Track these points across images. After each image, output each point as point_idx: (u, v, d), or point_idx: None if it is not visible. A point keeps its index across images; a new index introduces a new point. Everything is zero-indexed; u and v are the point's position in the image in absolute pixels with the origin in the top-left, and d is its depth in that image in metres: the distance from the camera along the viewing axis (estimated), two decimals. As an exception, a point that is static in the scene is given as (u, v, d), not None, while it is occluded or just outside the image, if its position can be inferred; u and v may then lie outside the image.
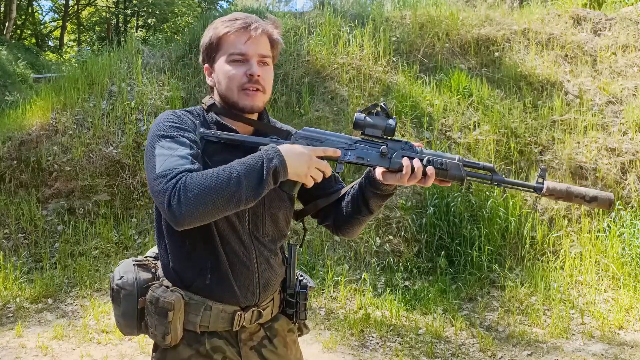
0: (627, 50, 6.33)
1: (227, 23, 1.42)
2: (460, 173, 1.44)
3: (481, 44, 6.45)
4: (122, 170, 5.32)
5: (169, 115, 1.40)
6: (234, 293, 1.43)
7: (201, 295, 1.40)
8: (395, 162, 1.44)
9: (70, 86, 6.11)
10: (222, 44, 1.42)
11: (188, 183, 1.23)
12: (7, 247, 4.93)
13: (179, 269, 1.42)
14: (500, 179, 1.45)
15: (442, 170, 1.44)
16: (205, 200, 1.23)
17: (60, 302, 4.26)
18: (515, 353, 3.57)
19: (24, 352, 3.49)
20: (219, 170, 1.26)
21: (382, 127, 1.43)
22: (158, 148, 1.31)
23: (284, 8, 11.21)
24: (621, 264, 4.43)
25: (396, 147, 1.45)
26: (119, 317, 1.45)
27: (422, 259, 4.66)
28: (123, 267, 1.47)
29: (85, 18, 23.58)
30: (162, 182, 1.25)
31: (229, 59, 1.41)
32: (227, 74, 1.41)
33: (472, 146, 5.35)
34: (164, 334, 1.37)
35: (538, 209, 4.96)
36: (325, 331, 3.81)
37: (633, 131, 5.48)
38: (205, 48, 1.46)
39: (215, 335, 1.43)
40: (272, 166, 1.28)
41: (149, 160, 1.32)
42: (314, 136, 1.43)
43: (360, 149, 1.45)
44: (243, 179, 1.25)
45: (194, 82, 6.22)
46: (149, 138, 1.37)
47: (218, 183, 1.24)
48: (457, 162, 1.44)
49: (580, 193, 1.44)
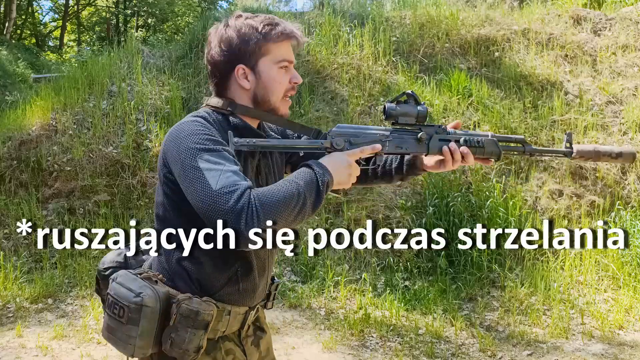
0: (627, 50, 6.33)
1: (273, 27, 1.39)
2: (497, 148, 1.52)
3: (481, 44, 6.45)
4: (122, 170, 5.32)
5: (199, 126, 1.32)
6: (253, 295, 1.46)
7: (224, 301, 1.39)
8: (433, 147, 1.49)
9: (70, 86, 6.11)
10: (270, 49, 1.39)
11: (261, 200, 1.18)
12: (7, 247, 4.93)
13: (203, 278, 1.38)
14: (532, 149, 1.56)
15: (480, 148, 1.51)
16: (279, 217, 1.20)
17: (60, 302, 4.26)
18: (515, 353, 3.57)
19: (24, 352, 3.49)
20: (286, 187, 1.24)
21: (415, 114, 1.48)
22: (203, 162, 1.24)
23: (284, 8, 11.21)
24: (621, 264, 4.43)
25: (430, 131, 1.50)
26: (136, 338, 1.30)
27: (422, 259, 4.66)
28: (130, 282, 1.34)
29: (85, 18, 23.58)
30: (227, 200, 1.18)
31: (278, 65, 1.40)
32: (275, 79, 1.40)
33: (472, 146, 5.34)
34: (198, 348, 1.32)
35: (538, 209, 4.96)
36: (325, 331, 3.81)
37: (633, 131, 5.48)
38: (242, 49, 1.39)
39: (227, 339, 1.45)
40: (325, 181, 1.30)
41: (196, 178, 1.23)
42: (349, 132, 1.45)
43: (396, 138, 1.49)
44: (307, 195, 1.25)
45: (194, 82, 6.22)
46: (183, 151, 1.28)
47: (289, 200, 1.22)
48: (492, 139, 1.51)
49: (607, 151, 1.57)
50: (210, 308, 1.33)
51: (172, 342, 1.31)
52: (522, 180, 5.17)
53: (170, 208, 1.39)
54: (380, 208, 4.90)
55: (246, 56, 1.39)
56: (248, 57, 1.39)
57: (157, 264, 1.44)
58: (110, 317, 1.34)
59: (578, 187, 5.12)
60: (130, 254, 1.51)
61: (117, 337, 1.33)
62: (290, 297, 4.21)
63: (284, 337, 3.72)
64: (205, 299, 1.35)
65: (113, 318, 1.33)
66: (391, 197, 5.02)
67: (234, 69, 1.40)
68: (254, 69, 1.40)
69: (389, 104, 1.47)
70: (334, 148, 1.42)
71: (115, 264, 1.49)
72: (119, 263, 1.50)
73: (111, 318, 1.33)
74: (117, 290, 1.33)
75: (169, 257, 1.40)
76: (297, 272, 4.57)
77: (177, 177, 1.30)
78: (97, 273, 1.51)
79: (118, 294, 1.33)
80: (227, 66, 1.40)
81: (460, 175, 5.09)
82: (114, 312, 1.33)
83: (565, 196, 5.04)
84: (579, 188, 5.11)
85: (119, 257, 1.52)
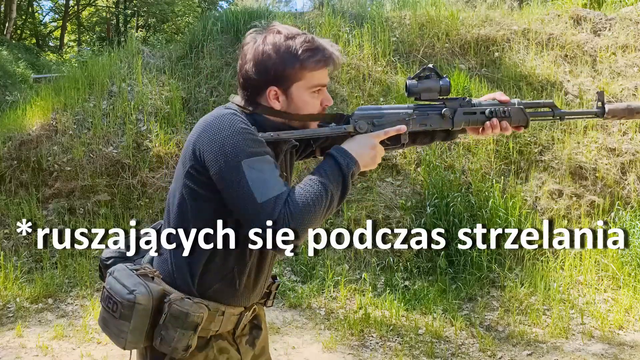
0: (627, 50, 6.33)
1: (312, 54, 1.37)
2: (524, 116, 1.49)
3: (481, 44, 6.45)
4: (122, 170, 5.32)
5: (240, 123, 1.31)
6: (248, 294, 1.46)
7: (216, 300, 1.40)
8: (458, 121, 1.48)
9: (70, 86, 6.12)
10: (305, 76, 1.37)
11: (295, 213, 1.23)
12: (7, 247, 4.93)
13: (202, 276, 1.39)
14: (561, 112, 1.52)
15: (506, 117, 1.49)
16: (310, 225, 1.26)
17: (60, 302, 4.26)
18: (515, 353, 3.57)
19: (24, 352, 3.50)
20: (314, 191, 1.27)
21: (437, 89, 1.47)
22: (249, 169, 1.25)
23: (284, 8, 11.23)
24: (621, 264, 4.43)
25: (454, 105, 1.48)
26: (127, 333, 1.33)
27: (421, 258, 4.67)
28: (125, 277, 1.36)
29: (86, 18, 23.59)
30: (268, 214, 1.22)
31: (311, 90, 1.39)
32: (308, 103, 1.40)
33: (471, 146, 5.35)
34: (186, 347, 1.34)
35: (538, 209, 4.96)
36: (325, 331, 3.81)
37: (633, 131, 5.49)
38: (278, 72, 1.36)
39: (220, 337, 1.45)
40: (350, 171, 1.32)
41: (240, 183, 1.25)
42: (372, 114, 1.45)
43: (420, 115, 1.48)
44: (334, 192, 1.29)
45: (194, 83, 6.22)
46: (229, 151, 1.27)
47: (318, 206, 1.26)
48: (519, 107, 1.49)
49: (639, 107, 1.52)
50: (201, 310, 1.35)
51: (161, 339, 1.34)
52: (522, 180, 5.17)
53: (190, 202, 1.37)
54: (380, 208, 4.90)
55: (281, 80, 1.37)
56: (282, 81, 1.37)
57: (158, 258, 1.44)
58: (104, 309, 1.37)
59: (578, 187, 5.12)
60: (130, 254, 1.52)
61: (110, 330, 1.36)
62: (290, 297, 4.21)
63: (284, 337, 3.73)
64: (197, 300, 1.36)
65: (107, 311, 1.36)
66: (391, 197, 5.02)
67: (267, 89, 1.38)
68: (286, 92, 1.39)
69: (410, 80, 1.47)
70: (357, 132, 1.42)
71: (117, 254, 1.51)
72: (121, 253, 1.52)
73: (105, 311, 1.36)
74: (112, 285, 1.35)
75: (173, 253, 1.41)
76: (297, 272, 4.57)
77: (216, 175, 1.29)
78: (100, 262, 1.53)
79: (113, 288, 1.35)
80: (260, 85, 1.38)
81: (460, 175, 5.09)
82: (108, 306, 1.35)
83: (565, 196, 5.04)
84: (578, 188, 5.11)
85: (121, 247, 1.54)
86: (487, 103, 1.49)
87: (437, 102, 1.49)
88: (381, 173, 5.25)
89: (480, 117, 1.48)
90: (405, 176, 5.24)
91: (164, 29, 20.31)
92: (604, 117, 1.51)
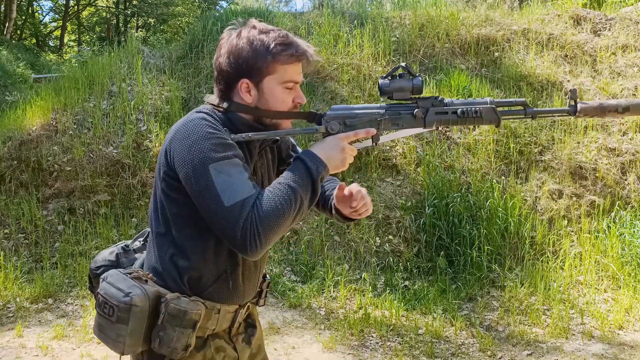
0: (627, 50, 6.33)
1: (284, 48, 1.38)
2: (496, 115, 1.48)
3: (481, 44, 6.45)
4: (122, 170, 5.32)
5: (209, 127, 1.32)
6: (242, 293, 1.47)
7: (212, 300, 1.41)
8: (430, 121, 1.47)
9: (70, 86, 6.12)
10: (277, 69, 1.39)
11: (262, 217, 1.24)
12: (8, 247, 4.93)
13: (193, 276, 1.39)
14: (533, 110, 1.51)
15: (478, 117, 1.47)
16: (279, 229, 1.27)
17: (60, 302, 4.26)
18: (515, 353, 3.57)
19: (24, 352, 3.50)
20: (283, 195, 1.27)
21: (410, 88, 1.46)
22: (216, 174, 1.26)
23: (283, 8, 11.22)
24: (621, 264, 4.43)
25: (427, 104, 1.48)
26: (125, 337, 1.32)
27: (421, 259, 4.67)
28: (120, 281, 1.35)
29: (86, 18, 23.59)
30: (235, 218, 1.23)
31: (283, 85, 1.40)
32: (278, 99, 1.41)
33: (472, 146, 5.35)
34: (186, 346, 1.34)
35: (538, 209, 4.96)
36: (325, 331, 3.81)
37: (633, 131, 5.49)
38: (249, 64, 1.38)
39: (217, 336, 1.46)
40: (319, 175, 1.33)
41: (207, 187, 1.26)
42: (344, 114, 1.45)
43: (392, 115, 1.47)
44: (304, 196, 1.30)
45: (194, 83, 6.22)
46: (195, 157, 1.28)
47: (287, 210, 1.27)
48: (491, 106, 1.48)
49: (612, 106, 1.48)
50: (198, 307, 1.35)
51: (160, 340, 1.33)
52: (522, 180, 5.17)
53: (168, 205, 1.39)
54: (380, 208, 4.90)
55: (252, 72, 1.39)
56: (254, 74, 1.39)
57: (148, 263, 1.46)
58: (100, 315, 1.36)
59: (578, 187, 5.12)
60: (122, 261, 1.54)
61: (107, 335, 1.35)
62: (290, 297, 4.21)
63: (284, 337, 3.73)
64: (194, 298, 1.37)
65: (103, 317, 1.35)
66: (391, 197, 5.02)
67: (239, 82, 1.40)
68: (257, 85, 1.40)
69: (382, 79, 1.46)
70: (329, 132, 1.42)
71: (107, 263, 1.52)
72: (111, 262, 1.52)
73: (101, 317, 1.35)
74: (107, 290, 1.35)
75: (159, 256, 1.42)
76: (297, 272, 4.57)
77: (184, 180, 1.31)
78: (90, 272, 1.53)
79: (108, 293, 1.34)
80: (232, 77, 1.40)
81: (460, 175, 5.09)
82: (104, 311, 1.34)
83: (565, 196, 5.04)
84: (578, 188, 5.11)
85: (110, 255, 1.55)
86: (459, 102, 1.48)
87: (410, 101, 1.48)
88: (381, 173, 5.25)
89: (452, 117, 1.47)
90: (405, 176, 5.24)
91: (164, 30, 20.32)
92: (575, 115, 1.49)
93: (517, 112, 1.51)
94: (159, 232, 1.42)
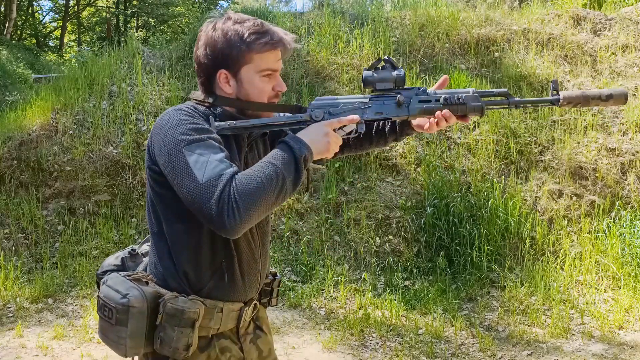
0: (627, 50, 6.33)
1: (259, 37, 1.38)
2: (479, 104, 1.48)
3: (481, 44, 6.45)
4: (122, 170, 5.32)
5: (184, 115, 1.34)
6: (244, 288, 1.45)
7: (212, 297, 1.40)
8: (414, 109, 1.48)
9: (70, 86, 6.12)
10: (253, 58, 1.39)
11: (240, 189, 1.21)
12: (8, 247, 4.93)
13: (191, 272, 1.39)
14: (516, 100, 1.51)
15: (461, 105, 1.48)
16: (259, 203, 1.22)
17: (60, 302, 4.26)
18: (515, 353, 3.57)
19: (24, 352, 3.50)
20: (263, 171, 1.25)
21: (392, 79, 1.47)
22: (189, 154, 1.25)
23: (284, 8, 11.22)
24: (621, 264, 4.43)
25: (410, 94, 1.49)
26: (126, 339, 1.32)
27: (421, 259, 4.67)
28: (119, 284, 1.35)
29: (86, 18, 23.58)
30: (211, 192, 1.21)
31: (261, 74, 1.40)
32: (257, 87, 1.41)
33: (472, 146, 5.35)
34: (187, 346, 1.33)
35: (538, 209, 4.96)
36: (325, 331, 3.81)
37: (633, 131, 5.49)
38: (225, 54, 1.39)
39: (222, 336, 1.45)
40: (302, 155, 1.30)
41: (182, 170, 1.25)
42: (328, 104, 1.46)
43: (376, 104, 1.48)
44: (285, 174, 1.27)
45: (194, 83, 6.22)
46: (170, 143, 1.29)
47: (267, 184, 1.23)
48: (474, 94, 1.48)
49: (595, 95, 1.49)
50: (196, 306, 1.34)
51: (161, 341, 1.33)
52: (522, 180, 5.17)
53: (157, 202, 1.39)
54: (380, 208, 4.90)
55: (229, 62, 1.39)
56: (231, 64, 1.40)
57: (150, 263, 1.46)
58: (101, 318, 1.36)
59: (578, 187, 5.12)
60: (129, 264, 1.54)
61: (110, 338, 1.35)
62: (290, 297, 4.21)
63: (284, 337, 3.73)
64: (192, 297, 1.36)
65: (104, 319, 1.35)
66: (391, 197, 5.02)
67: (217, 73, 1.41)
68: (236, 75, 1.41)
69: (365, 71, 1.47)
70: (313, 121, 1.43)
71: (112, 267, 1.52)
72: (117, 266, 1.52)
73: (102, 319, 1.36)
74: (106, 293, 1.35)
75: (158, 255, 1.42)
76: (297, 272, 4.57)
77: (163, 169, 1.30)
78: (97, 277, 1.53)
79: (107, 296, 1.35)
80: (210, 69, 1.41)
81: (460, 175, 5.09)
82: (104, 314, 1.35)
83: (565, 196, 5.04)
84: (578, 188, 5.11)
85: (116, 260, 1.55)
86: (442, 91, 1.49)
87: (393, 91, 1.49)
88: (381, 173, 5.25)
89: (435, 105, 1.47)
90: (405, 176, 5.24)
91: (164, 30, 20.31)
92: (559, 104, 1.49)
93: (500, 102, 1.51)
94: (154, 231, 1.42)
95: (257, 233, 1.48)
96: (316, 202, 5.05)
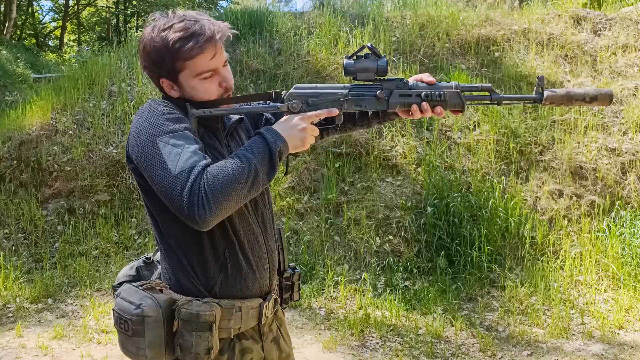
0: (627, 50, 6.33)
1: (183, 43, 1.31)
2: (460, 100, 1.46)
3: (481, 44, 6.45)
4: (122, 170, 5.32)
5: (159, 105, 1.32)
6: (253, 277, 1.42)
7: (226, 296, 1.37)
8: (393, 103, 1.45)
9: (70, 86, 6.12)
10: (185, 65, 1.34)
11: (211, 182, 1.19)
12: (7, 247, 4.93)
13: (199, 270, 1.36)
14: (499, 97, 1.47)
15: (442, 101, 1.45)
16: (230, 196, 1.21)
17: (60, 302, 4.26)
18: (515, 353, 3.57)
19: (24, 352, 3.50)
20: (236, 163, 1.23)
21: (374, 69, 1.43)
22: (163, 145, 1.24)
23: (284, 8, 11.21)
24: (621, 264, 4.43)
25: (391, 86, 1.45)
26: (145, 349, 1.29)
27: (422, 259, 4.66)
28: (132, 294, 1.33)
29: (85, 18, 23.58)
30: (182, 184, 1.19)
31: (199, 77, 1.36)
32: (200, 90, 1.37)
33: (472, 146, 5.35)
34: (208, 349, 1.30)
35: (538, 209, 4.96)
36: (325, 331, 3.81)
37: (633, 131, 5.48)
38: (159, 64, 1.35)
39: (243, 337, 1.42)
40: (277, 148, 1.29)
41: (155, 161, 1.24)
42: (307, 93, 1.42)
43: (355, 95, 1.45)
44: (258, 166, 1.25)
45: (194, 82, 6.21)
46: (144, 134, 1.26)
47: (239, 176, 1.22)
48: (455, 90, 1.45)
49: (580, 95, 1.45)
50: (211, 309, 1.31)
51: (181, 347, 1.30)
52: (522, 180, 5.17)
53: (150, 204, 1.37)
54: (380, 208, 4.90)
55: (164, 72, 1.36)
56: (165, 74, 1.37)
57: (163, 270, 1.43)
58: (119, 332, 1.34)
59: (578, 187, 5.12)
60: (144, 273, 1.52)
61: (129, 351, 1.33)
62: (290, 297, 4.20)
63: (284, 337, 3.72)
64: (207, 299, 1.33)
65: (121, 332, 1.33)
66: (391, 197, 5.02)
67: (159, 80, 1.39)
68: (176, 82, 1.38)
69: (347, 59, 1.43)
70: (290, 111, 1.40)
71: (128, 278, 1.49)
72: (132, 277, 1.50)
73: (120, 333, 1.34)
74: (121, 305, 1.33)
75: (168, 258, 1.40)
76: (297, 272, 4.57)
77: (137, 162, 1.28)
78: (112, 289, 1.50)
79: (121, 308, 1.32)
80: (153, 77, 1.40)
81: (460, 175, 5.09)
82: (120, 327, 1.32)
83: (565, 196, 5.04)
84: (579, 188, 5.11)
85: (131, 270, 1.52)
86: (424, 86, 1.46)
87: (374, 82, 1.45)
88: (381, 173, 5.25)
89: (415, 100, 1.45)
90: (405, 176, 5.24)
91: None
92: (542, 102, 1.46)
93: (483, 97, 1.48)
94: (156, 235, 1.41)
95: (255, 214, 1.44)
96: (316, 202, 5.05)
